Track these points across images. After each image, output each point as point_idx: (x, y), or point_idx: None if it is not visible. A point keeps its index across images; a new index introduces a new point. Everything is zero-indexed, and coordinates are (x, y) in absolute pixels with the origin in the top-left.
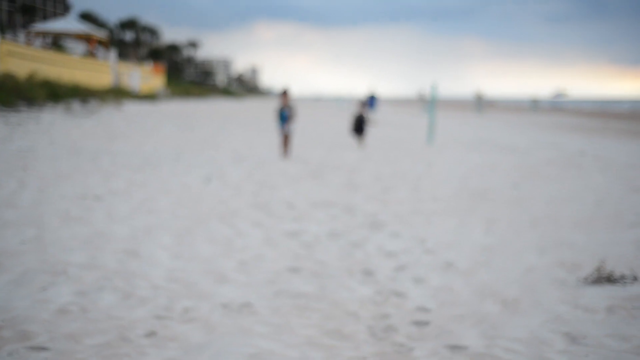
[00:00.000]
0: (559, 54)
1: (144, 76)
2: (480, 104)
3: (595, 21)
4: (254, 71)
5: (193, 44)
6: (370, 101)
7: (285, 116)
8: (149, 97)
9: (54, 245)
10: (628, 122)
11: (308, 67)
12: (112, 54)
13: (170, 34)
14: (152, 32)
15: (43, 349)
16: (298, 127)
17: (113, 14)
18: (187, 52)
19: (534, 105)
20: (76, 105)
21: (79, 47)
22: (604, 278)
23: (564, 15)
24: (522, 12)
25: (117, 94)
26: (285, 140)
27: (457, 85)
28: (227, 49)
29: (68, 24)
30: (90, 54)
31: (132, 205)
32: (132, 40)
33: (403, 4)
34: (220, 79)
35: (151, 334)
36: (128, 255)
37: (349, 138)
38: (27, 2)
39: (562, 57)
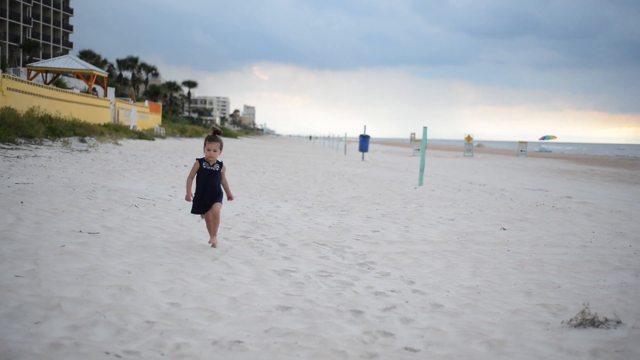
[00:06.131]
0: (546, 100)
1: (141, 113)
2: (470, 147)
3: (582, 70)
4: (249, 111)
5: (190, 83)
6: (362, 142)
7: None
8: (146, 134)
9: (49, 279)
10: (613, 167)
11: (302, 108)
12: (111, 92)
13: (169, 73)
14: (151, 70)
15: None
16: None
17: (113, 53)
18: (184, 91)
19: (522, 149)
20: (74, 140)
21: (79, 84)
22: (588, 321)
23: (553, 63)
24: (511, 60)
25: (115, 130)
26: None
27: (448, 128)
28: (224, 88)
29: (69, 61)
30: (90, 91)
31: (127, 241)
32: (130, 78)
33: (397, 49)
34: (216, 117)
35: None
36: (121, 290)
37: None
38: (30, 40)
39: (550, 104)
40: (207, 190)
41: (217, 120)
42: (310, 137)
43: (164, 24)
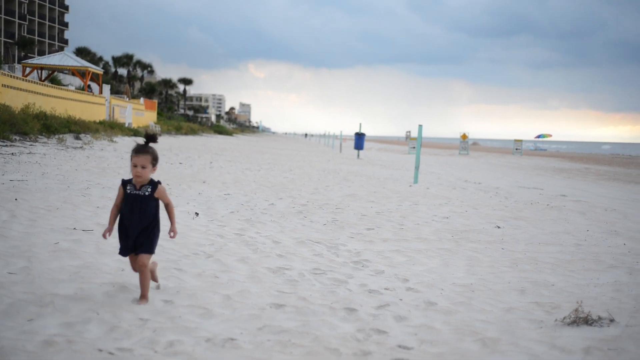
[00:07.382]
0: (542, 99)
1: (137, 111)
2: (465, 145)
3: (577, 69)
4: (245, 108)
5: (186, 81)
6: (357, 140)
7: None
8: (141, 131)
9: (42, 276)
10: (608, 166)
11: (298, 106)
12: (106, 89)
13: (165, 71)
14: (146, 67)
15: None
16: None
17: (109, 50)
18: (180, 88)
19: (517, 147)
20: (69, 138)
21: (74, 81)
22: (582, 319)
23: (548, 62)
24: (507, 59)
25: (110, 127)
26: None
27: (443, 126)
28: (220, 86)
29: (64, 58)
30: (85, 88)
31: None
32: (126, 76)
33: (393, 48)
34: (212, 115)
35: None
36: (115, 287)
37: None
38: (25, 37)
39: (545, 103)
40: (133, 224)
41: (213, 118)
42: (306, 134)
43: (161, 21)
